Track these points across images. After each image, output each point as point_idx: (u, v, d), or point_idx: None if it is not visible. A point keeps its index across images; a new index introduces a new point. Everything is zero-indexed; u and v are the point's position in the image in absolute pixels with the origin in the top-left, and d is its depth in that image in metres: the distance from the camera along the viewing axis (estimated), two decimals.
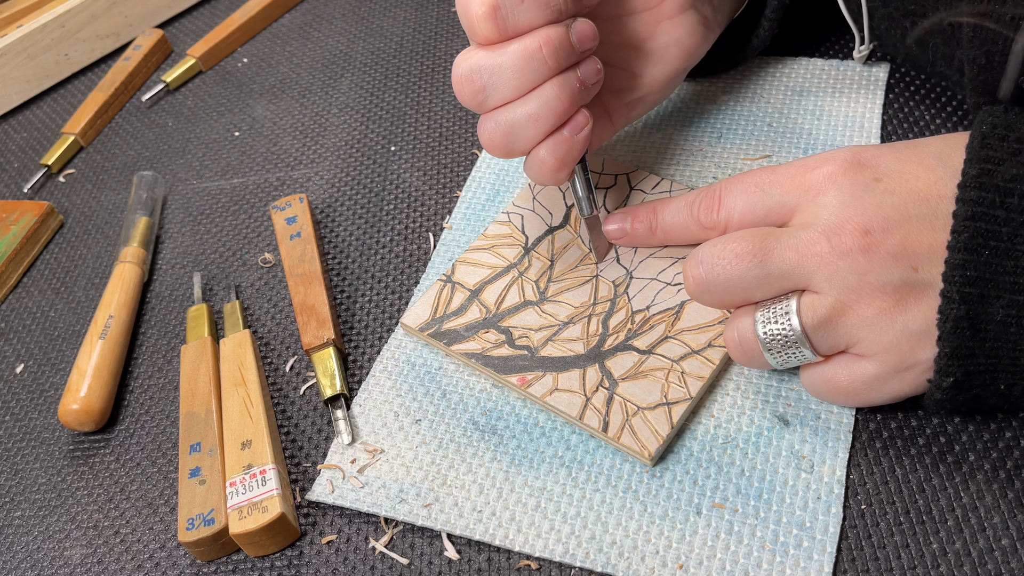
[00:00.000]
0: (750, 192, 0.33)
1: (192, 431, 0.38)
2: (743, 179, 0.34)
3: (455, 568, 0.33)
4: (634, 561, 0.32)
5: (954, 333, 0.28)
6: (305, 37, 0.63)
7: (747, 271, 0.31)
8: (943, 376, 0.29)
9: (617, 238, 0.39)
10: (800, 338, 0.31)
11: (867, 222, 0.30)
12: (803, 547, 0.31)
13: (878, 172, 0.31)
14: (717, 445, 0.34)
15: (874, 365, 0.30)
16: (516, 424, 0.36)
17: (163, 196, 0.53)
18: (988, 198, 0.28)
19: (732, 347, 0.33)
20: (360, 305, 0.43)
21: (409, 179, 0.50)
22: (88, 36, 0.63)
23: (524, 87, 0.33)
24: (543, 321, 0.39)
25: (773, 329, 0.31)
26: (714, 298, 0.33)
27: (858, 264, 0.29)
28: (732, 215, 0.34)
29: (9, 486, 0.40)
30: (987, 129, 0.30)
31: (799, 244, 0.31)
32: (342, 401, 0.38)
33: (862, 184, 0.31)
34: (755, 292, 0.32)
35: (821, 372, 0.32)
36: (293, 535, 0.35)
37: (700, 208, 0.35)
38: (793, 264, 0.31)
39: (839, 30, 0.50)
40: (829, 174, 0.31)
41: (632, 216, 0.39)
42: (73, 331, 0.46)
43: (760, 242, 0.31)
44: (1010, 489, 0.32)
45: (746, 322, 0.32)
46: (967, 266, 0.28)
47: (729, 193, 0.34)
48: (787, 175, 0.33)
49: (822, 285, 0.30)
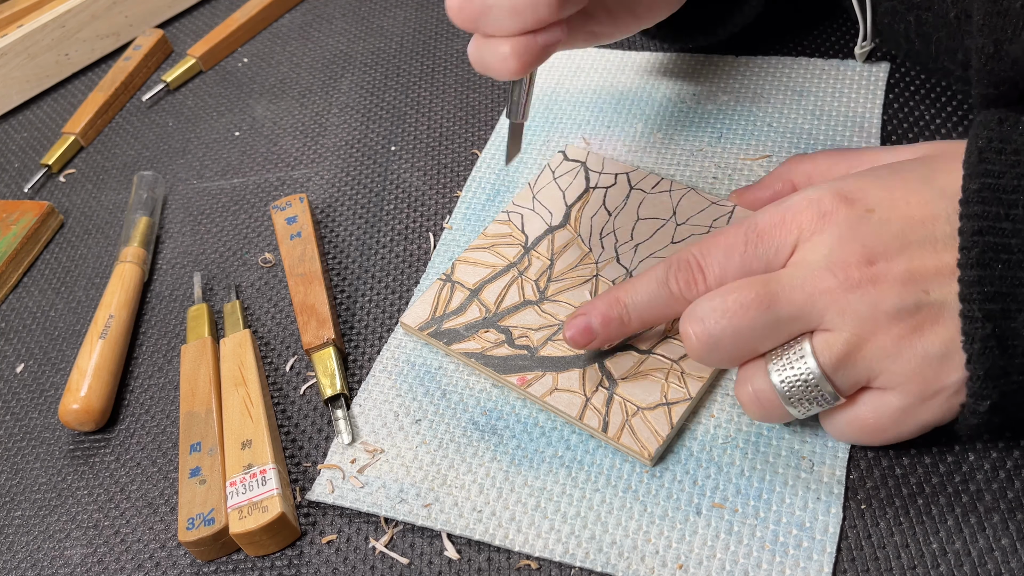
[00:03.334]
0: (738, 252, 0.32)
1: (192, 431, 0.38)
2: (721, 241, 0.32)
3: (455, 568, 0.33)
4: (634, 561, 0.32)
5: (983, 354, 0.27)
6: (305, 37, 0.63)
7: (755, 320, 0.30)
8: (979, 400, 0.28)
9: (585, 343, 0.35)
10: (820, 380, 0.29)
11: (870, 253, 0.29)
12: (803, 547, 0.31)
13: (868, 203, 0.30)
14: (717, 445, 0.34)
15: (899, 396, 0.29)
16: (516, 424, 0.36)
17: (163, 196, 0.53)
18: (992, 211, 0.28)
19: (749, 405, 0.32)
20: (360, 305, 0.43)
21: (409, 179, 0.50)
22: (88, 36, 0.63)
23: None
24: (543, 321, 0.39)
25: (790, 376, 0.30)
26: (722, 355, 0.31)
27: (869, 295, 0.29)
28: (725, 278, 0.32)
29: (9, 486, 0.40)
30: (983, 143, 0.29)
31: (804, 283, 0.29)
32: (342, 401, 0.38)
33: (856, 216, 0.30)
34: (765, 342, 0.31)
35: (845, 415, 0.31)
36: (293, 535, 0.35)
37: (680, 283, 0.33)
38: (801, 305, 0.29)
39: (839, 30, 0.50)
40: (822, 213, 0.30)
41: (593, 313, 0.35)
42: (73, 331, 0.46)
43: (762, 288, 0.30)
44: (1010, 489, 0.32)
45: (759, 376, 0.31)
46: (983, 282, 0.27)
47: (711, 259, 0.32)
48: (772, 224, 0.31)
49: (835, 322, 0.29)
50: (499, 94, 0.54)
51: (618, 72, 0.52)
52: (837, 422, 0.32)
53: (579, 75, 0.53)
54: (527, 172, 0.47)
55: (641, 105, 0.50)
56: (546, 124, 0.50)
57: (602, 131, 0.48)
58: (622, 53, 0.54)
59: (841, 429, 0.32)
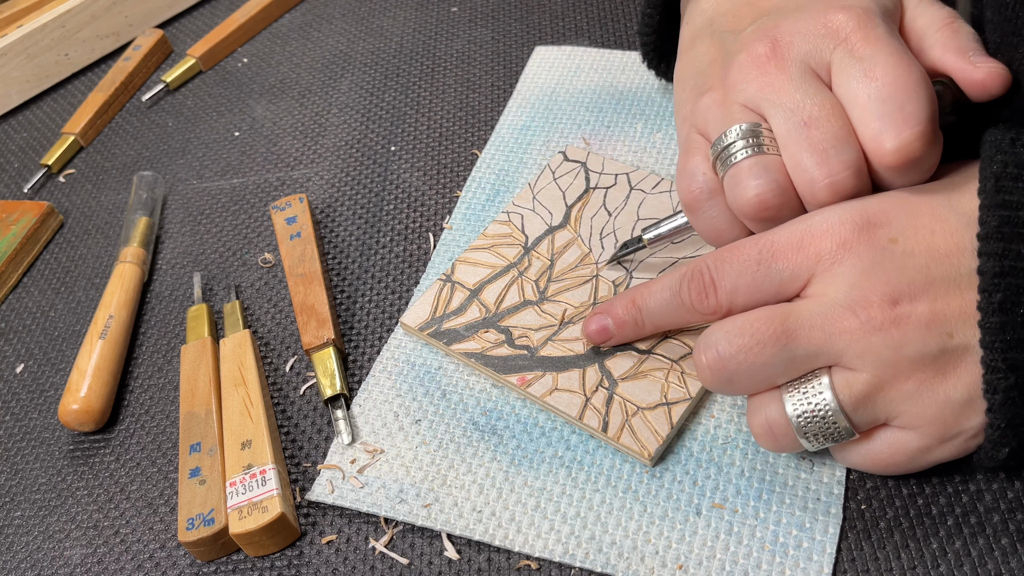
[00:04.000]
0: (751, 269, 0.30)
1: (192, 431, 0.38)
2: (735, 255, 0.31)
3: (455, 568, 0.33)
4: (634, 561, 0.32)
5: (1005, 404, 0.27)
6: (305, 37, 0.63)
7: (773, 357, 0.29)
8: (998, 447, 0.28)
9: (602, 340, 0.36)
10: (839, 416, 0.29)
11: (893, 291, 0.28)
12: (803, 548, 0.31)
13: (892, 231, 0.29)
14: (717, 445, 0.34)
15: (917, 438, 0.29)
16: (516, 424, 0.36)
17: (163, 196, 0.53)
18: (1014, 250, 0.27)
19: (762, 435, 0.31)
20: (360, 305, 0.43)
21: (409, 179, 0.50)
22: (88, 36, 0.63)
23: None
24: (543, 321, 0.39)
25: (807, 410, 0.29)
26: (737, 388, 0.31)
27: (892, 339, 0.28)
28: (735, 298, 0.31)
29: (9, 486, 0.40)
30: (998, 168, 0.28)
31: (824, 322, 0.28)
32: (342, 401, 0.38)
33: (879, 248, 0.28)
34: (780, 377, 0.30)
35: (858, 449, 0.30)
36: (293, 535, 0.35)
37: (692, 294, 0.32)
38: (820, 344, 0.28)
39: None
40: (842, 241, 0.29)
41: (610, 314, 0.36)
42: (73, 331, 0.46)
43: (780, 324, 0.29)
44: (1010, 489, 0.32)
45: (773, 407, 0.30)
46: (1006, 329, 0.26)
47: (724, 273, 0.31)
48: (789, 245, 0.30)
49: (855, 362, 0.28)
50: (499, 94, 0.54)
51: (618, 72, 0.52)
52: (850, 456, 0.31)
53: (579, 75, 0.53)
54: (527, 172, 0.47)
55: (641, 105, 0.50)
56: (546, 124, 0.50)
57: (602, 131, 0.48)
58: (622, 53, 0.54)
59: (852, 460, 0.31)
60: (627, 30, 0.56)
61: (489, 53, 0.57)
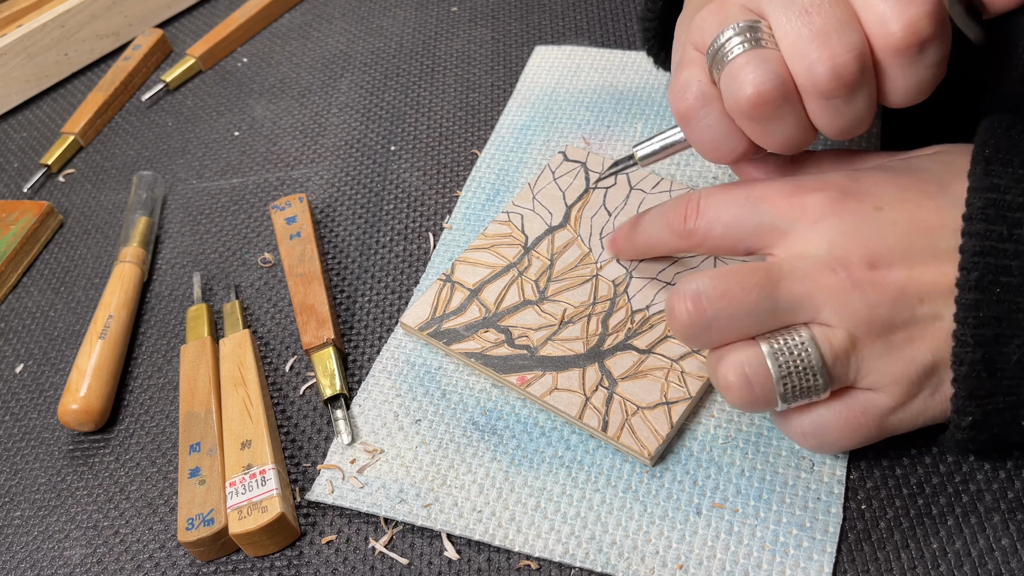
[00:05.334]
0: (738, 204, 0.31)
1: (192, 431, 0.38)
2: (728, 188, 0.32)
3: (455, 568, 0.33)
4: (634, 561, 0.32)
5: (969, 376, 0.27)
6: (305, 37, 0.63)
7: (755, 305, 0.29)
8: (962, 415, 0.28)
9: (613, 251, 0.41)
10: (820, 370, 0.29)
11: (872, 254, 0.28)
12: (803, 547, 0.31)
13: (878, 200, 0.29)
14: (717, 445, 0.34)
15: (884, 398, 0.29)
16: (516, 424, 0.36)
17: (163, 196, 0.53)
18: (996, 231, 0.27)
19: (739, 386, 0.30)
20: (360, 305, 0.43)
21: (409, 179, 0.50)
22: (88, 36, 0.63)
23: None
24: (543, 320, 0.39)
25: (789, 362, 0.29)
26: (711, 336, 0.30)
27: (868, 298, 0.28)
28: (714, 226, 0.32)
29: (9, 486, 0.40)
30: (990, 153, 0.28)
31: (807, 275, 0.29)
32: (342, 401, 0.38)
33: (864, 213, 0.29)
34: (757, 328, 0.30)
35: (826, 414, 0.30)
36: (293, 535, 0.35)
37: (676, 215, 0.33)
38: (802, 296, 0.29)
39: None
40: (829, 199, 0.29)
41: (617, 230, 0.39)
42: (73, 331, 0.46)
43: (765, 274, 0.29)
44: (1010, 489, 0.32)
45: (752, 358, 0.29)
46: (980, 306, 0.27)
47: (711, 202, 0.32)
48: (780, 193, 0.30)
49: (832, 318, 0.29)
50: (499, 94, 0.54)
51: (618, 72, 0.52)
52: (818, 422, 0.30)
53: (579, 75, 0.53)
54: (527, 172, 0.47)
55: (641, 105, 0.50)
56: (546, 124, 0.50)
57: (602, 131, 0.48)
58: (622, 53, 0.54)
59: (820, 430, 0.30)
60: (627, 30, 0.56)
61: (489, 53, 0.57)
